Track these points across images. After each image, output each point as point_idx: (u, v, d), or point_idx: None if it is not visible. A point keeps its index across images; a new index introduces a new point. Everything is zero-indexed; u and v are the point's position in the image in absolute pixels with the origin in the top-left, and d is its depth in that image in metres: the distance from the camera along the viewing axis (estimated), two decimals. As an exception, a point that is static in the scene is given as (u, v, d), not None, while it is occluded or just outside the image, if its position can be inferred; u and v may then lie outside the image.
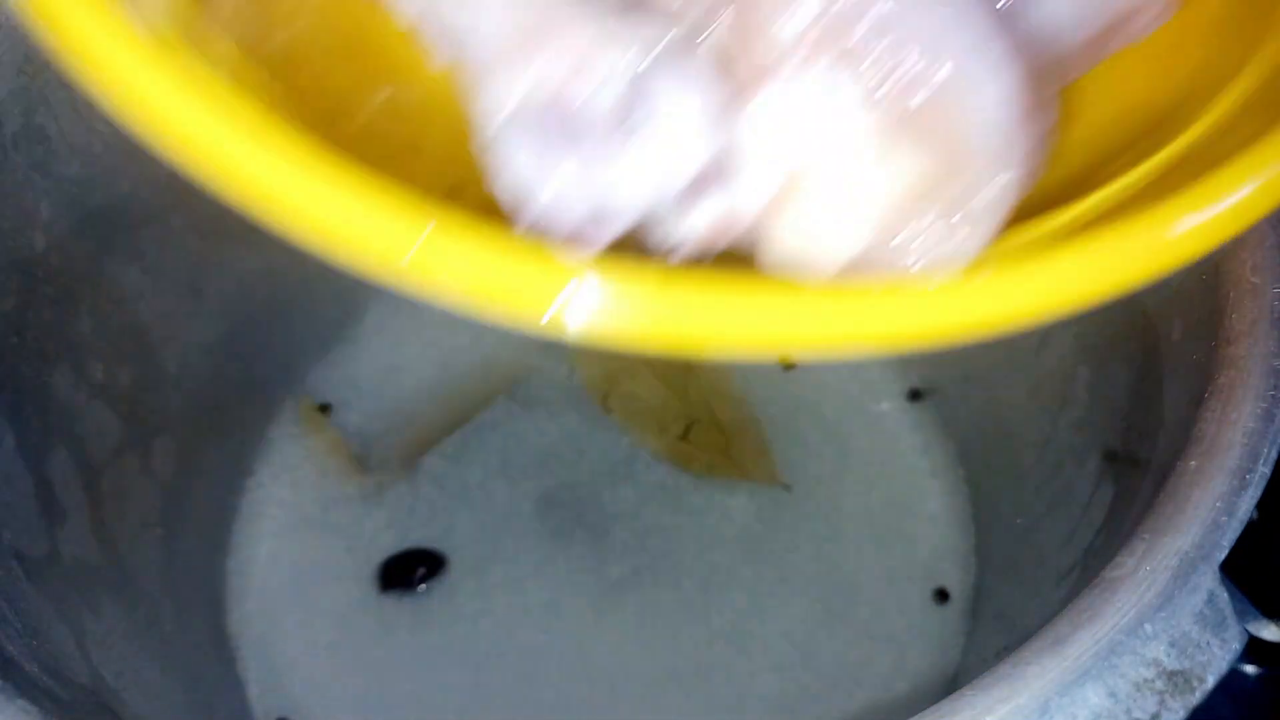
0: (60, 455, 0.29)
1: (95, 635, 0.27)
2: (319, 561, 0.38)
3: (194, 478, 0.37)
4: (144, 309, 0.34)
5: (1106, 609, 0.18)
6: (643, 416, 0.39)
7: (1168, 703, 0.17)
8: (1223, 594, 0.18)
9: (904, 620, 0.35)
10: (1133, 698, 0.17)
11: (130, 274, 0.33)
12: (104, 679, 0.26)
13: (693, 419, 0.39)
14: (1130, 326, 0.26)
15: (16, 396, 0.27)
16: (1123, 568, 0.18)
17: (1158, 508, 0.19)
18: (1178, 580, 0.18)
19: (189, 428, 0.37)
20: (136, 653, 0.29)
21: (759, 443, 0.38)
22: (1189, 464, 0.19)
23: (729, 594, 0.35)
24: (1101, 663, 0.17)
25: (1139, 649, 0.17)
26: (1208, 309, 0.22)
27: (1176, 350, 0.24)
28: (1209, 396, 0.20)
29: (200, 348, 0.37)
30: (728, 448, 0.38)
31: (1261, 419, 0.19)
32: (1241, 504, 0.19)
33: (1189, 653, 0.17)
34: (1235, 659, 0.18)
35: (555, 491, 0.38)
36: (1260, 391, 0.20)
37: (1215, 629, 0.18)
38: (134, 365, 0.34)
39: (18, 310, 0.28)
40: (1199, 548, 0.18)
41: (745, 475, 0.37)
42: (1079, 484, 0.28)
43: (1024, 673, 0.17)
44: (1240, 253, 0.21)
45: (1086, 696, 0.17)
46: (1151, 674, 0.17)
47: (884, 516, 0.37)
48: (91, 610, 0.28)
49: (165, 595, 0.33)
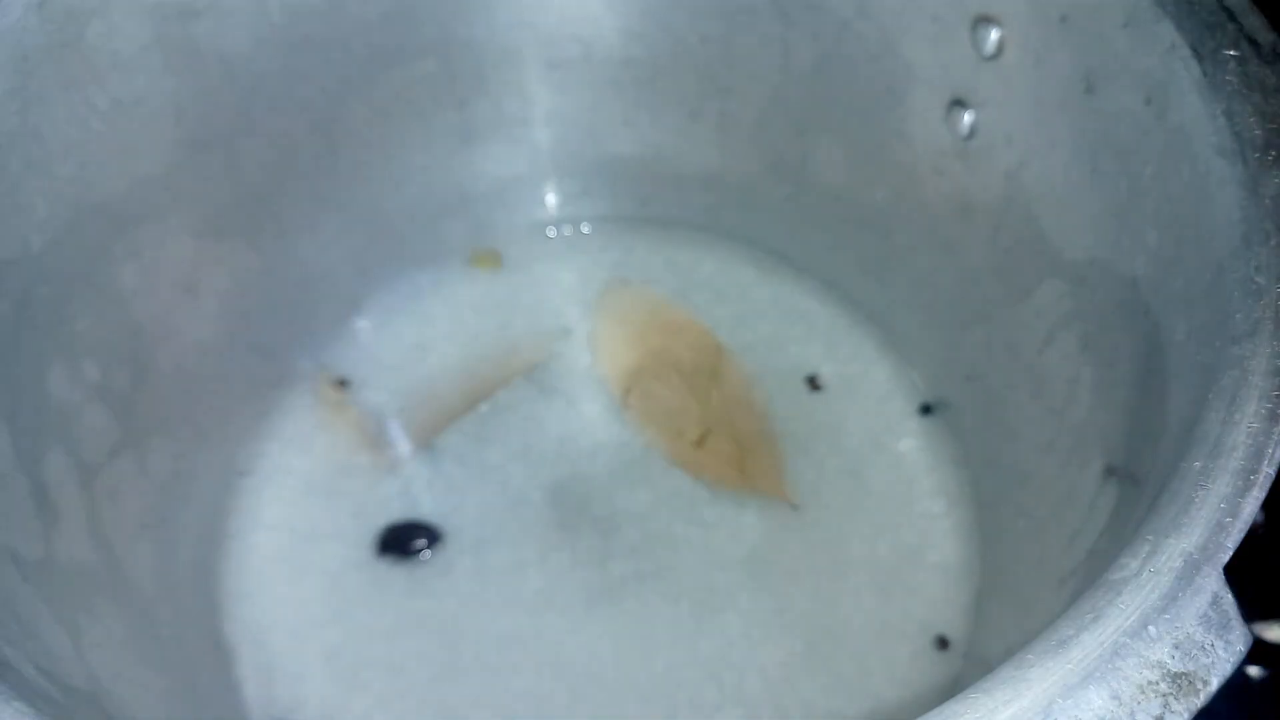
0: (56, 455, 0.29)
1: (91, 637, 0.27)
2: (320, 530, 0.38)
3: (190, 478, 0.37)
4: (140, 308, 0.34)
5: (1110, 611, 0.17)
6: (660, 417, 0.39)
7: (1171, 705, 0.17)
8: (1227, 596, 0.18)
9: (885, 675, 0.34)
10: (1136, 700, 0.17)
11: (126, 273, 0.33)
12: (100, 681, 0.26)
13: (710, 427, 0.39)
14: (1134, 327, 0.26)
15: (12, 396, 0.27)
16: (1126, 569, 0.18)
17: (1161, 509, 0.19)
18: (1181, 582, 0.18)
19: (185, 428, 0.37)
20: (132, 654, 0.29)
21: (773, 459, 0.38)
22: (1193, 465, 0.19)
23: (722, 616, 0.35)
24: (1105, 665, 0.17)
25: (1143, 651, 0.17)
26: (1212, 309, 0.22)
27: (1180, 351, 0.23)
28: (1213, 397, 0.20)
29: (197, 347, 0.37)
30: (742, 461, 0.38)
31: (1266, 419, 0.19)
32: (1246, 505, 0.18)
33: (1193, 655, 0.17)
34: (1239, 661, 0.17)
35: (568, 482, 0.38)
36: (1265, 392, 0.19)
37: (1219, 631, 0.17)
38: (130, 365, 0.34)
39: (13, 310, 0.28)
40: (1203, 549, 0.18)
41: (755, 490, 0.37)
42: (1082, 485, 0.28)
43: (1027, 675, 0.17)
44: (1245, 252, 0.21)
45: (1090, 699, 0.17)
46: (1155, 676, 0.17)
47: (889, 560, 0.36)
48: (87, 612, 0.28)
49: (161, 596, 0.33)
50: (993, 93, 0.32)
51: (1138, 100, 0.26)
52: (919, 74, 0.35)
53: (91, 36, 0.29)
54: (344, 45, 0.37)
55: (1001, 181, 0.33)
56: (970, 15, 0.31)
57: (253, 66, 0.35)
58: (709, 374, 0.40)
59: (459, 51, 0.40)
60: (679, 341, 0.41)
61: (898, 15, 0.34)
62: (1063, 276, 0.31)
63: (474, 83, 0.41)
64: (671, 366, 0.40)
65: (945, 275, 0.38)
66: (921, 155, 0.36)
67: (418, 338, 0.42)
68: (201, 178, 0.35)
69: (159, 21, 0.31)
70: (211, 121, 0.35)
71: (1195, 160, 0.24)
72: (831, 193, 0.41)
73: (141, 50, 0.31)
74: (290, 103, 0.37)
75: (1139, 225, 0.26)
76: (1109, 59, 0.27)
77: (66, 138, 0.29)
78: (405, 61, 0.39)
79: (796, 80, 0.39)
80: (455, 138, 0.43)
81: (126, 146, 0.32)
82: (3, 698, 0.19)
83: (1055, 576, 0.27)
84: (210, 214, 0.36)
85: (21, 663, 0.22)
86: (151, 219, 0.34)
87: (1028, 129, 0.31)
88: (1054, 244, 0.31)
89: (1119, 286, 0.27)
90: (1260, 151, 0.22)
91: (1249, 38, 0.24)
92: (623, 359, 0.41)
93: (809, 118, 0.40)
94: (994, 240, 0.35)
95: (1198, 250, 0.23)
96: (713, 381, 0.40)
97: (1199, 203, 0.23)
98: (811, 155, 0.41)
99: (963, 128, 0.34)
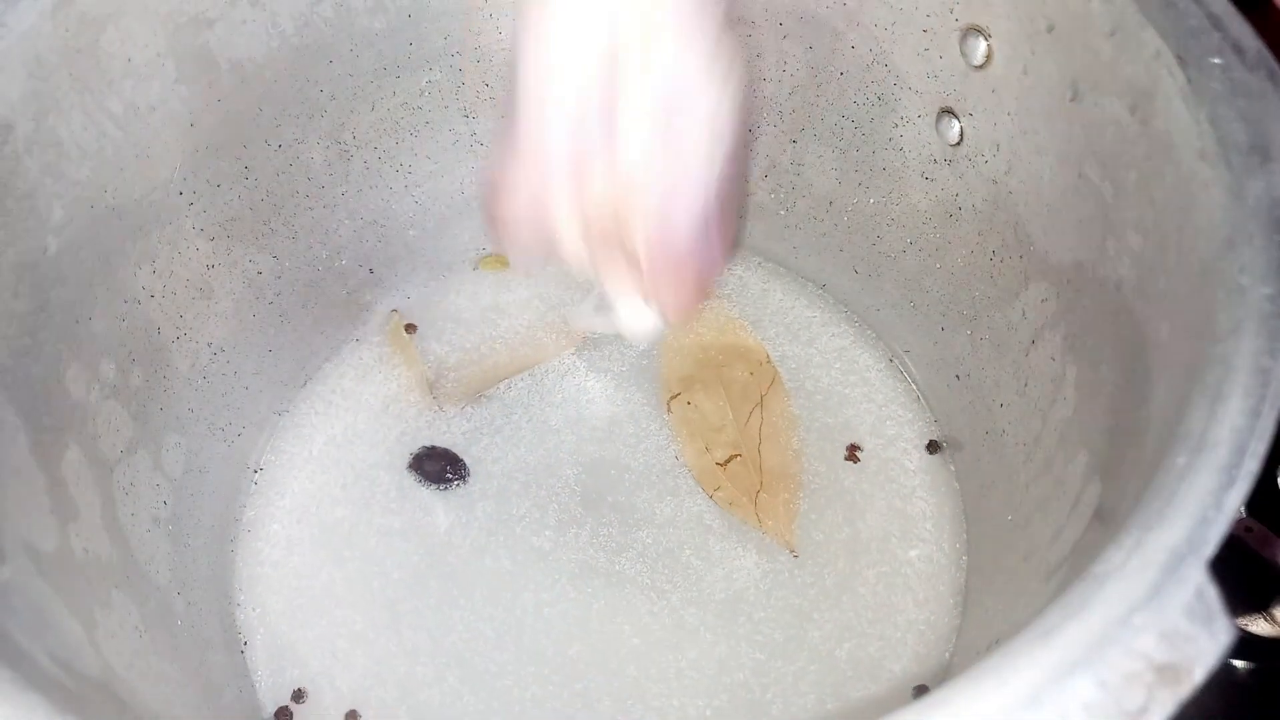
0: (73, 453, 0.29)
1: (106, 628, 0.28)
2: (336, 517, 0.39)
3: (204, 474, 0.37)
4: (155, 309, 0.34)
5: (1095, 601, 0.18)
6: (695, 428, 0.40)
7: (1156, 695, 0.17)
8: (1211, 590, 0.18)
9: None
10: (1122, 689, 0.17)
11: (142, 275, 0.34)
12: (114, 670, 0.27)
13: (738, 451, 0.39)
14: (1118, 328, 0.27)
15: (30, 396, 0.28)
16: (1111, 562, 0.18)
17: (1146, 503, 0.19)
18: (1166, 574, 0.18)
19: (200, 425, 0.37)
20: (146, 645, 0.30)
21: (789, 501, 0.38)
22: (1177, 461, 0.19)
23: (690, 651, 0.35)
24: (1091, 655, 0.17)
25: (1128, 641, 0.17)
26: (1195, 310, 0.22)
27: (1164, 350, 0.24)
28: (1197, 395, 0.20)
29: (211, 347, 0.38)
30: (757, 494, 0.38)
31: (1249, 416, 0.19)
32: (1229, 500, 0.19)
33: (1178, 646, 0.17)
34: (1224, 653, 0.18)
35: (601, 465, 0.39)
36: (1248, 389, 0.20)
37: (1204, 623, 0.18)
38: (146, 364, 0.34)
39: (31, 311, 0.28)
40: (1187, 542, 0.18)
41: (760, 526, 0.37)
42: (1068, 480, 0.28)
43: (1014, 664, 0.17)
44: (1228, 253, 0.22)
45: (1076, 688, 0.17)
46: (1140, 666, 0.17)
47: (871, 633, 0.35)
48: (102, 604, 0.28)
49: (175, 588, 0.33)
50: (981, 101, 0.33)
51: (1123, 107, 0.26)
52: (909, 83, 0.35)
53: (106, 43, 0.30)
54: (353, 55, 0.38)
55: (989, 187, 0.34)
56: (959, 26, 0.32)
57: (264, 74, 0.36)
58: (757, 402, 0.40)
59: (466, 62, 0.41)
60: (740, 362, 0.41)
61: (888, 26, 0.35)
62: (1049, 279, 0.31)
63: (480, 92, 0.42)
64: (723, 384, 0.41)
65: (934, 278, 0.39)
66: (911, 162, 0.37)
67: (497, 299, 0.44)
68: (215, 183, 0.36)
69: (172, 29, 0.32)
70: (224, 128, 0.35)
71: (1179, 165, 0.24)
72: (824, 198, 0.42)
73: (156, 57, 0.32)
74: (301, 110, 0.38)
75: (1124, 229, 0.26)
76: (1095, 67, 0.27)
77: (82, 143, 0.30)
78: (413, 71, 0.40)
79: (790, 89, 0.40)
80: (463, 146, 0.43)
81: (141, 151, 0.32)
82: (17, 687, 0.20)
83: (1042, 569, 0.28)
84: (224, 218, 0.37)
85: (37, 653, 0.23)
86: (166, 222, 0.34)
87: (1015, 136, 0.31)
88: (1040, 247, 0.32)
89: (1104, 288, 0.28)
90: (1244, 155, 0.22)
91: (1234, 44, 0.24)
92: (680, 366, 0.41)
93: (802, 125, 0.40)
94: (982, 244, 0.35)
95: (1181, 253, 0.24)
96: (757, 408, 0.40)
97: (1183, 207, 0.24)
98: (804, 161, 0.41)
99: (952, 135, 0.35)
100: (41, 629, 0.24)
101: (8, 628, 0.22)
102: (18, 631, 0.23)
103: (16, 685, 0.20)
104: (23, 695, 0.20)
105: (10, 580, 0.24)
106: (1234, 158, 0.22)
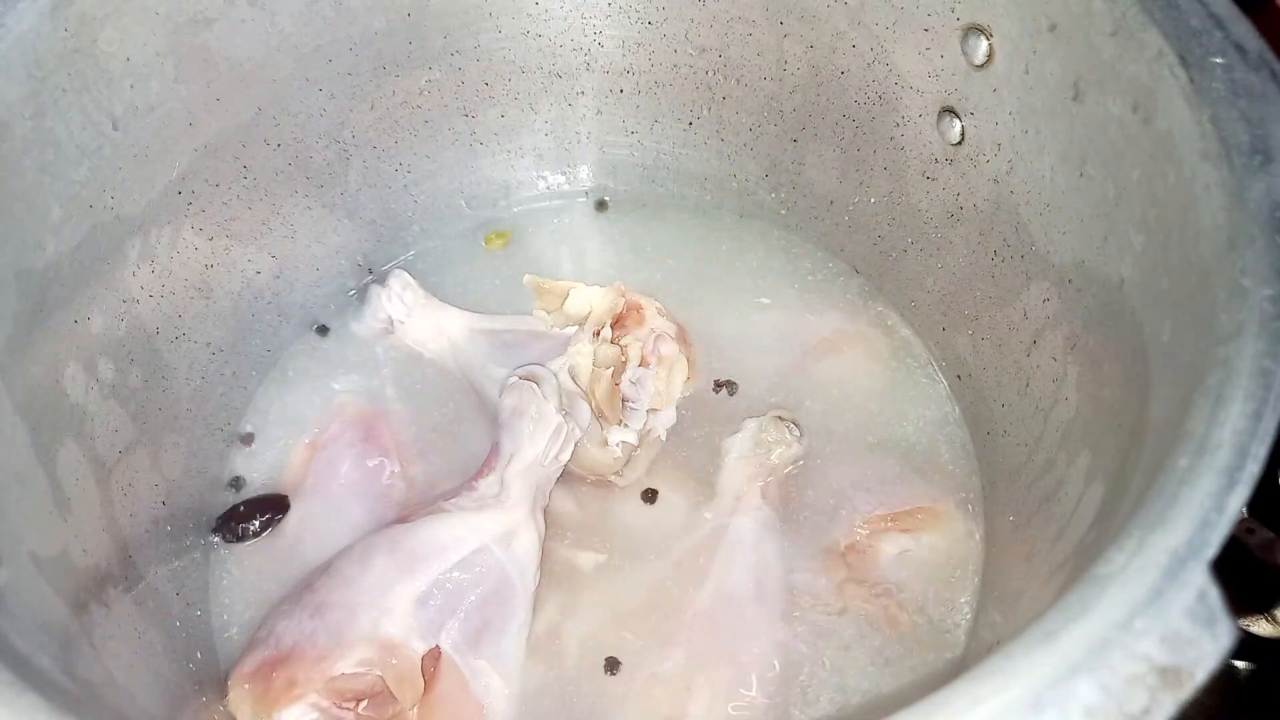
0: (72, 453, 0.29)
1: (104, 629, 0.28)
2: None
3: (201, 474, 0.37)
4: (154, 309, 0.34)
5: (1097, 604, 0.18)
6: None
7: (1158, 697, 0.17)
8: (1213, 591, 0.18)
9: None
10: (1124, 692, 0.17)
11: (140, 275, 0.34)
12: (112, 673, 0.27)
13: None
14: (1120, 328, 0.27)
15: (29, 396, 0.28)
16: (1113, 564, 0.18)
17: (1148, 505, 0.19)
18: (1168, 577, 0.18)
19: (198, 425, 0.37)
20: (145, 647, 0.30)
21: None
22: (1179, 463, 0.19)
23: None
24: (1093, 657, 0.17)
25: (1130, 644, 0.17)
26: (1197, 311, 0.22)
27: (1166, 351, 0.24)
28: (1198, 397, 0.20)
29: (209, 347, 0.38)
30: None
31: (1251, 418, 0.19)
32: (1231, 502, 0.19)
33: (1179, 648, 0.17)
34: (1225, 655, 0.17)
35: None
36: (1249, 391, 0.20)
37: (1206, 625, 0.17)
38: (144, 365, 0.34)
39: (29, 312, 0.28)
40: (1189, 545, 0.18)
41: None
42: (1069, 481, 0.28)
43: (1016, 666, 0.17)
44: (1230, 255, 0.22)
45: (1078, 690, 0.17)
46: (1142, 669, 0.17)
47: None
48: (102, 606, 0.28)
49: (174, 589, 0.33)
50: (982, 100, 0.32)
51: (1125, 107, 0.26)
52: (910, 82, 0.35)
53: (104, 43, 0.30)
54: (353, 54, 0.38)
55: (990, 186, 0.34)
56: (961, 25, 0.32)
57: (264, 74, 0.36)
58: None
59: (465, 61, 0.41)
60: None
61: (890, 25, 0.35)
62: (1050, 278, 0.31)
63: (480, 91, 0.42)
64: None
65: (935, 277, 0.38)
66: (913, 161, 0.37)
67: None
68: (214, 183, 0.36)
69: (171, 29, 0.32)
70: (223, 127, 0.35)
71: (1181, 165, 0.24)
72: (825, 197, 0.42)
73: (155, 57, 0.32)
74: (300, 109, 0.38)
75: (1125, 229, 0.26)
76: (1097, 66, 0.27)
77: (81, 143, 0.30)
78: (413, 70, 0.40)
79: (791, 88, 0.40)
80: (462, 145, 0.43)
81: (140, 151, 0.32)
82: (18, 690, 0.20)
83: (1044, 570, 0.28)
84: (223, 218, 0.37)
85: (36, 655, 0.23)
86: (165, 222, 0.34)
87: (1016, 135, 0.31)
88: (1041, 247, 0.32)
89: (1105, 288, 0.28)
90: (1246, 156, 0.22)
91: (1236, 44, 0.24)
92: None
93: (803, 124, 0.40)
94: (983, 243, 0.35)
95: (1183, 253, 0.23)
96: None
97: (1185, 207, 0.24)
98: (805, 161, 0.41)
99: (953, 134, 0.34)
100: (40, 630, 0.24)
101: (7, 630, 0.22)
102: (19, 634, 0.22)
103: (17, 688, 0.20)
104: (22, 697, 0.20)
105: (9, 582, 0.24)
106: (1236, 159, 0.22)
